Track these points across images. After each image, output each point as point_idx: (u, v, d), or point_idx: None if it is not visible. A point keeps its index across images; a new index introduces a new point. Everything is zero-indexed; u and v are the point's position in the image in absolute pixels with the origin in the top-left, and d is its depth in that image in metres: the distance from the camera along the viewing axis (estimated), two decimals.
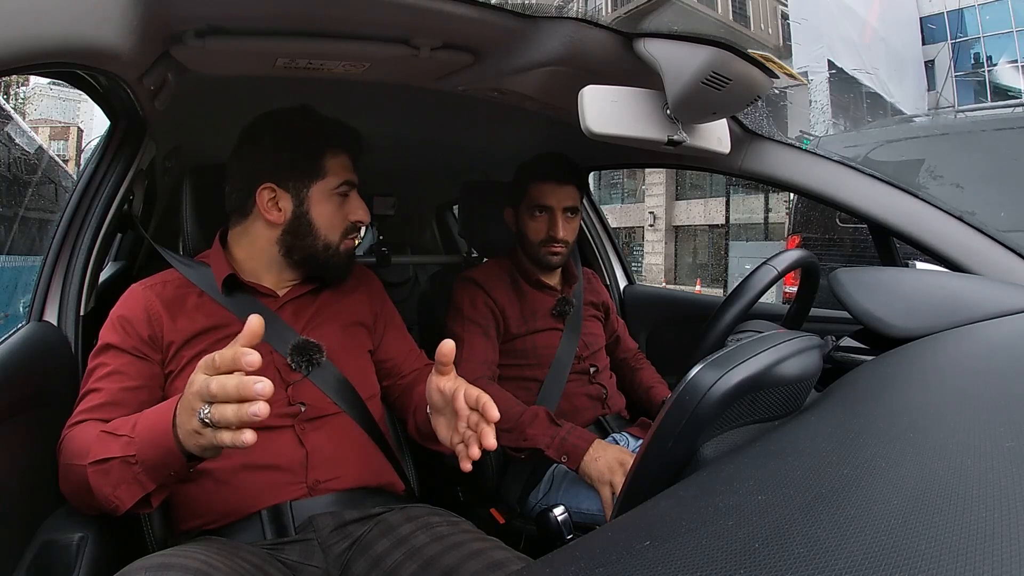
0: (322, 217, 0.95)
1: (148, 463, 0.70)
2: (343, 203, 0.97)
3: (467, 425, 0.75)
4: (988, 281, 0.98)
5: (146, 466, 0.70)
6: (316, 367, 0.92)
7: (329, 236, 0.96)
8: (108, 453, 0.72)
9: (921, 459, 0.36)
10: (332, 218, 0.96)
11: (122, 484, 0.71)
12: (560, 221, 1.31)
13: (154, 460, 0.70)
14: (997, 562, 0.24)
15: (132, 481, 0.71)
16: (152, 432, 0.70)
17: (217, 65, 0.95)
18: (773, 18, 14.27)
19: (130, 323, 0.88)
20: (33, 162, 3.14)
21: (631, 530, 0.37)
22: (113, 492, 0.72)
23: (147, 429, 0.71)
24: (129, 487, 0.71)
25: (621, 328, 1.58)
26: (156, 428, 0.69)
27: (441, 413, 0.81)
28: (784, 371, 0.54)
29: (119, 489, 0.72)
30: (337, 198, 0.96)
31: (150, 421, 0.71)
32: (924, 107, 12.56)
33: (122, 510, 0.72)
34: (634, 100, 0.91)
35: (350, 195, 0.98)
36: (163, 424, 0.68)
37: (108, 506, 0.73)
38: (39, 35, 0.58)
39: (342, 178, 0.96)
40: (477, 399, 0.74)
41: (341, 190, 0.96)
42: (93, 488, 0.73)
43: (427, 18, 0.85)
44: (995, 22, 12.60)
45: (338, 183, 0.96)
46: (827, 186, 1.19)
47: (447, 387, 0.78)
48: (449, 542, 0.82)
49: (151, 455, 0.69)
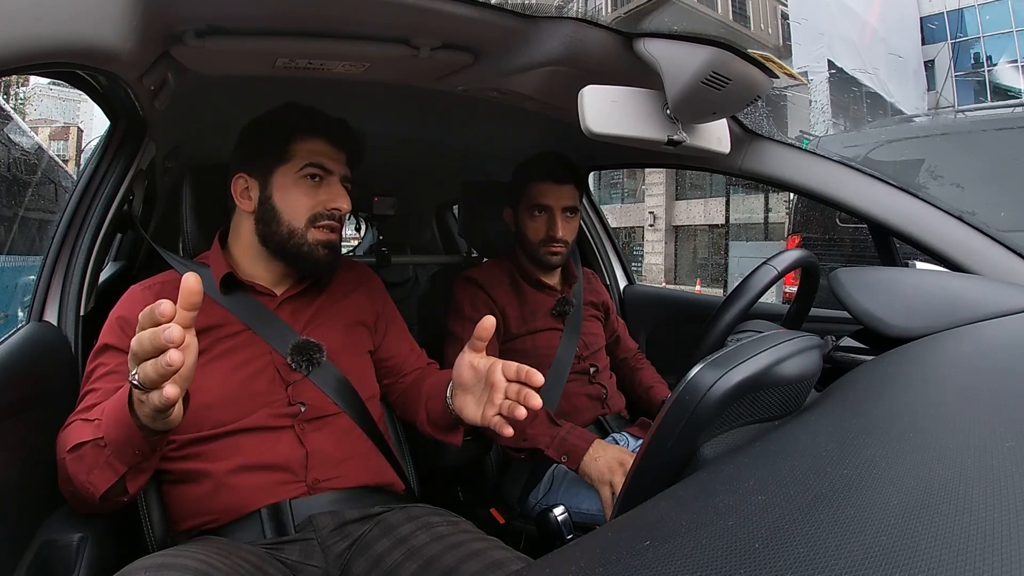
0: (285, 201, 0.92)
1: (114, 444, 0.70)
2: (314, 189, 0.94)
3: (505, 396, 0.78)
4: (988, 281, 0.98)
5: (113, 447, 0.70)
6: (316, 367, 0.92)
7: (293, 222, 0.92)
8: (81, 438, 0.73)
9: (921, 459, 0.36)
10: (297, 202, 0.92)
11: (95, 468, 0.72)
12: (559, 221, 1.31)
13: (119, 440, 0.69)
14: (997, 562, 0.24)
15: (104, 465, 0.71)
16: (113, 411, 0.70)
17: (217, 65, 0.95)
18: (773, 18, 14.27)
19: (129, 324, 0.88)
20: (33, 162, 3.14)
21: (631, 530, 0.37)
22: (87, 477, 0.72)
23: (111, 409, 0.71)
24: (102, 471, 0.71)
25: (621, 328, 1.58)
26: (116, 407, 0.69)
27: (469, 391, 0.83)
28: (784, 371, 0.54)
29: (92, 474, 0.72)
30: (305, 183, 0.93)
31: (114, 401, 0.71)
32: (924, 107, 12.55)
33: (97, 496, 0.72)
34: (634, 100, 0.91)
35: (326, 182, 0.95)
36: (121, 401, 0.68)
37: (86, 494, 0.73)
38: (39, 35, 0.58)
39: (307, 160, 0.93)
40: (518, 371, 0.77)
41: (306, 171, 0.93)
42: (71, 477, 0.73)
43: (427, 18, 0.85)
44: (995, 22, 12.60)
45: (302, 165, 0.92)
46: (827, 186, 1.19)
47: (481, 364, 0.80)
48: (449, 542, 0.82)
49: (115, 435, 0.69)
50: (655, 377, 1.51)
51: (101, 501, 0.73)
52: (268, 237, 0.94)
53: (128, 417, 0.67)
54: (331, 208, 0.94)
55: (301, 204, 0.93)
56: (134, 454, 0.71)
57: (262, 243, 0.95)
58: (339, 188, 0.96)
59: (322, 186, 0.94)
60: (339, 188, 0.96)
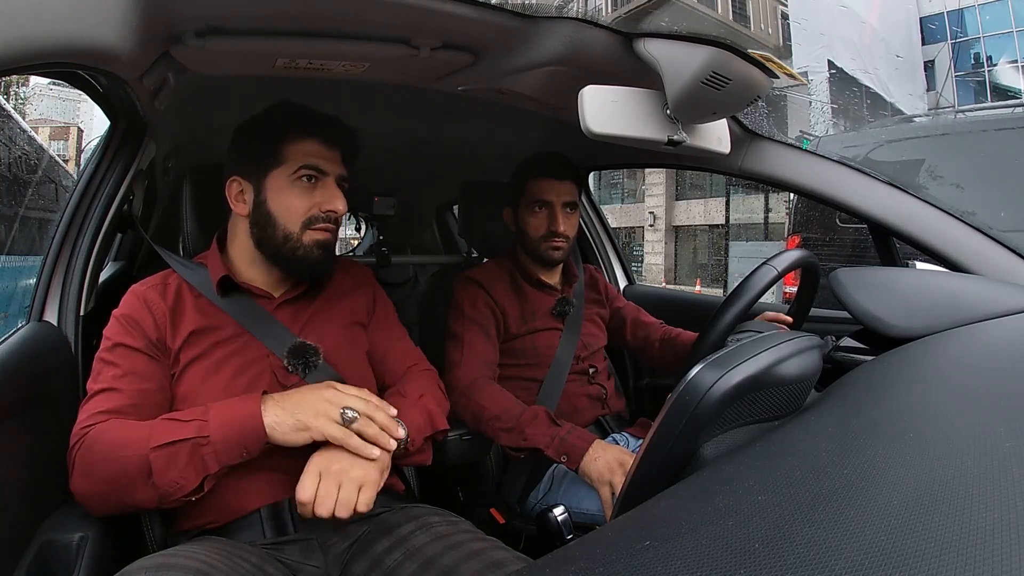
0: (280, 205, 0.91)
1: (221, 444, 0.76)
2: (308, 191, 0.92)
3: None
4: (988, 281, 0.98)
5: (218, 448, 0.76)
6: (313, 370, 0.91)
7: (288, 226, 0.91)
8: (177, 436, 0.76)
9: (921, 459, 0.36)
10: (291, 206, 0.91)
11: (190, 465, 0.76)
12: (560, 215, 1.32)
13: (230, 440, 0.76)
14: (997, 562, 0.24)
15: (200, 462, 0.76)
16: (230, 414, 0.78)
17: (217, 65, 0.95)
18: (773, 18, 14.26)
19: (137, 324, 0.88)
20: (33, 161, 3.14)
21: (631, 530, 0.37)
22: (180, 474, 0.75)
23: (223, 411, 0.78)
24: (196, 468, 0.76)
25: (631, 309, 1.55)
26: (236, 410, 0.78)
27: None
28: (784, 371, 0.54)
29: (186, 470, 0.75)
30: (299, 185, 0.91)
31: (226, 405, 0.79)
32: (924, 107, 12.55)
33: (181, 493, 0.76)
34: (634, 100, 0.91)
35: (321, 183, 0.93)
36: (247, 406, 0.78)
37: (167, 489, 0.75)
38: (39, 35, 0.58)
39: (300, 162, 0.91)
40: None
41: (300, 174, 0.91)
42: (155, 473, 0.75)
43: (427, 18, 0.85)
44: (995, 22, 12.59)
45: (296, 167, 0.91)
46: (827, 186, 1.19)
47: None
48: (449, 542, 0.82)
49: (226, 435, 0.76)
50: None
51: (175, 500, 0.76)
52: (264, 241, 0.93)
53: (260, 423, 0.77)
54: (327, 210, 0.92)
55: (296, 207, 0.91)
56: (242, 455, 0.78)
57: (258, 247, 0.94)
58: (334, 189, 0.94)
59: (317, 188, 0.92)
60: (334, 189, 0.94)
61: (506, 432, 1.14)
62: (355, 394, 0.83)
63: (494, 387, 1.21)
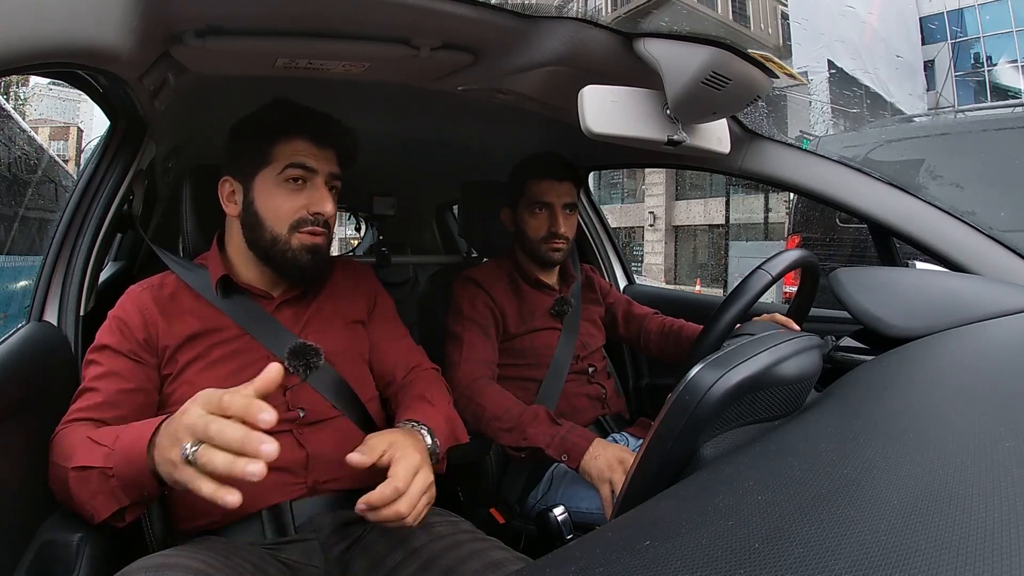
0: (267, 206, 0.90)
1: (123, 479, 0.70)
2: (296, 192, 0.90)
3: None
4: (988, 281, 0.98)
5: (122, 482, 0.70)
6: (314, 370, 0.91)
7: (276, 227, 0.90)
8: (89, 461, 0.72)
9: (921, 459, 0.36)
10: (279, 207, 0.90)
11: (99, 495, 0.71)
12: (560, 217, 1.32)
13: (129, 477, 0.69)
14: (997, 562, 0.24)
15: (108, 493, 0.71)
16: (129, 450, 0.69)
17: (217, 65, 0.95)
18: (773, 18, 14.27)
19: (126, 325, 0.88)
20: (33, 162, 3.14)
21: (631, 530, 0.37)
22: (90, 501, 0.72)
23: (126, 445, 0.70)
24: (106, 499, 0.71)
25: (622, 302, 1.56)
26: (133, 447, 0.68)
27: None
28: (784, 371, 0.54)
29: (96, 499, 0.71)
30: (287, 186, 0.90)
31: (130, 437, 0.70)
32: (924, 107, 12.55)
33: (97, 520, 0.72)
34: (634, 100, 0.91)
35: (310, 185, 0.91)
36: (140, 443, 0.67)
37: (84, 513, 0.73)
38: (39, 35, 0.58)
39: (287, 161, 0.89)
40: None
41: (288, 174, 0.89)
42: (72, 492, 0.73)
43: (427, 18, 0.85)
44: (995, 22, 12.59)
45: (283, 166, 0.89)
46: (827, 186, 1.19)
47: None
48: (448, 542, 0.82)
49: (126, 472, 0.69)
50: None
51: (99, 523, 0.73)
52: (254, 242, 0.92)
53: (145, 463, 0.66)
54: (314, 212, 0.90)
55: (283, 209, 0.90)
56: (142, 494, 0.71)
57: (250, 248, 0.94)
58: (323, 191, 0.92)
59: (305, 189, 0.91)
60: (323, 191, 0.92)
61: (507, 432, 1.14)
62: (195, 411, 0.60)
63: (494, 387, 1.22)
